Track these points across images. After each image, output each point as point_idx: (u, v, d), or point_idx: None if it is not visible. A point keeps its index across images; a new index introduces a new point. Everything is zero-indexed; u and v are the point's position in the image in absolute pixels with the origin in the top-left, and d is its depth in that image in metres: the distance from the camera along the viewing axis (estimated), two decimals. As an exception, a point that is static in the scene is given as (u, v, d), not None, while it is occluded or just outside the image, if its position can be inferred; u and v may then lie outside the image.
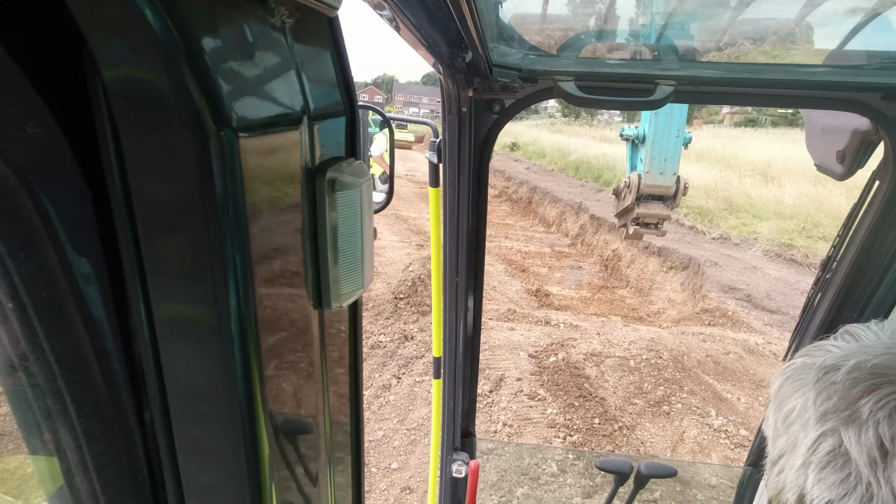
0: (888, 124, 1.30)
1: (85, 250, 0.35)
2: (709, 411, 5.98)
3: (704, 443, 5.53)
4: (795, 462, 0.61)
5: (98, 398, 0.37)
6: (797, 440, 0.61)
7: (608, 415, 5.77)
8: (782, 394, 0.67)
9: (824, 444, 0.58)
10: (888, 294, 1.54)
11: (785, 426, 0.64)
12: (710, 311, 8.87)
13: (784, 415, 0.65)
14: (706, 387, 6.44)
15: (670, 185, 4.83)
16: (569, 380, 6.26)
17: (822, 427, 0.59)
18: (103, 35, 0.30)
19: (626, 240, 5.72)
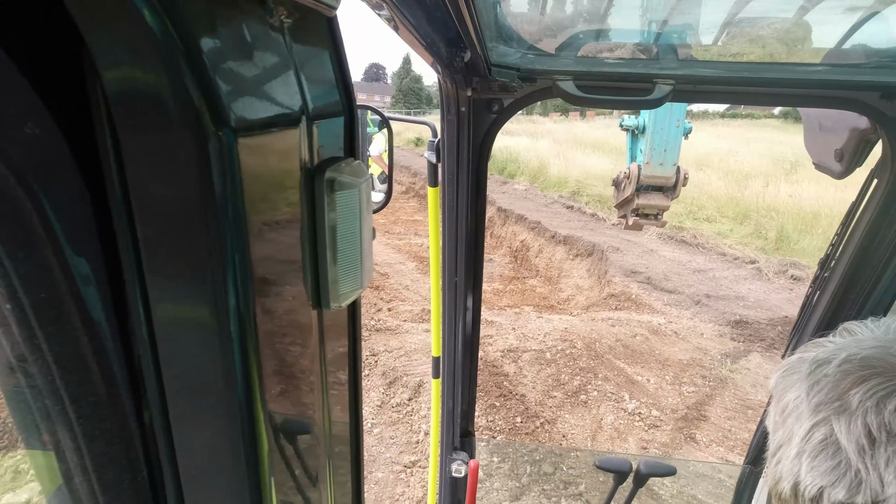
0: (886, 123, 1.30)
1: (84, 251, 0.35)
2: (623, 396, 6.16)
3: (621, 427, 5.67)
4: (791, 452, 0.63)
5: (97, 399, 0.37)
6: (793, 431, 0.64)
7: (529, 411, 5.81)
8: (780, 388, 0.69)
9: (817, 434, 0.61)
10: (886, 292, 1.54)
11: (782, 419, 0.66)
12: (615, 296, 9.11)
13: (781, 408, 0.67)
14: (618, 372, 6.64)
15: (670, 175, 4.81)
16: (488, 379, 6.27)
17: (814, 418, 0.61)
18: (102, 35, 0.30)
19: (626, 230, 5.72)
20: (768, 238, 11.81)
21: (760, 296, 9.42)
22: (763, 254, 11.20)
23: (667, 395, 6.28)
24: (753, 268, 10.62)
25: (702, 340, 7.72)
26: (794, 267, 10.36)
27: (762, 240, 11.85)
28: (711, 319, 8.39)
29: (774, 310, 8.86)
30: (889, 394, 0.57)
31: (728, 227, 12.72)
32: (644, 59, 1.35)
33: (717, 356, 7.28)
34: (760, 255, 11.14)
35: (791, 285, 9.94)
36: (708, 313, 8.59)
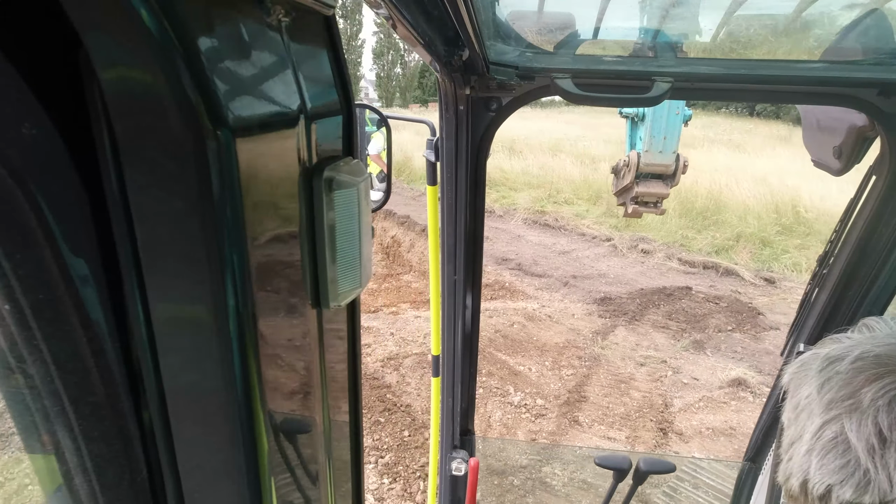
0: (884, 120, 1.30)
1: (82, 251, 0.35)
2: (508, 389, 6.18)
3: (510, 422, 5.68)
4: (801, 449, 0.63)
5: (96, 399, 0.37)
6: (804, 428, 0.63)
7: (417, 422, 5.60)
8: (794, 384, 0.69)
9: (827, 432, 0.60)
10: (884, 289, 1.55)
11: (795, 415, 0.66)
12: (489, 286, 9.15)
13: (794, 404, 0.67)
14: (501, 365, 6.64)
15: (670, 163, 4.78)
16: (369, 394, 6.02)
17: (826, 415, 0.60)
18: (99, 36, 0.30)
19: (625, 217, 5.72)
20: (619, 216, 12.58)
21: (619, 271, 10.21)
22: (616, 231, 12.13)
23: (548, 381, 6.44)
24: (609, 245, 11.55)
25: (574, 321, 8.03)
26: (643, 241, 11.35)
27: (614, 218, 12.55)
28: (580, 299, 8.82)
29: (632, 283, 9.56)
30: None
31: (585, 209, 13.46)
32: (642, 57, 1.35)
33: (588, 335, 7.63)
34: (614, 232, 12.06)
35: (642, 259, 10.88)
36: (576, 293, 9.03)
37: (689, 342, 7.54)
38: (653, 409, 6.02)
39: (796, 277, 9.90)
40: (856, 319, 1.60)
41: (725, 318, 8.29)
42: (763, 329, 8.03)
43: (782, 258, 10.45)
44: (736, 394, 6.38)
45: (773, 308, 8.74)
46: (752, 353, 7.35)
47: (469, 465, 2.00)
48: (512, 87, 1.37)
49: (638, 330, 7.95)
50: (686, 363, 7.05)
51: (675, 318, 8.27)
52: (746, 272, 10.00)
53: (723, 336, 7.78)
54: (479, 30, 0.97)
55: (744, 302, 8.80)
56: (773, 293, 9.34)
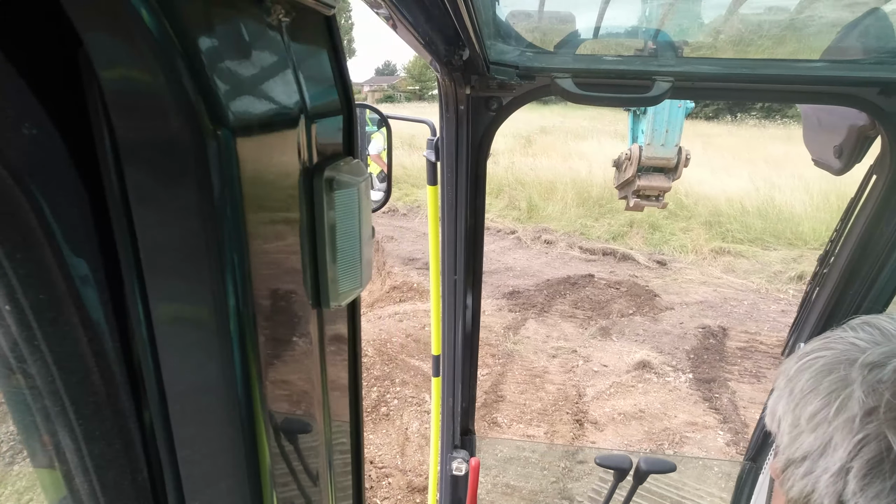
0: (885, 119, 1.30)
1: (82, 251, 0.35)
2: (423, 397, 6.04)
3: (427, 433, 5.37)
4: (831, 466, 0.56)
5: (97, 400, 0.37)
6: (831, 442, 0.56)
7: None
8: (804, 389, 0.61)
9: (867, 449, 0.53)
10: (885, 287, 1.55)
11: (811, 425, 0.59)
12: (398, 288, 9.10)
13: (810, 413, 0.59)
14: (415, 371, 6.52)
15: (672, 156, 4.76)
16: None
17: (865, 430, 0.54)
18: (99, 35, 0.30)
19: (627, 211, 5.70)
20: (521, 209, 13.02)
21: (524, 263, 10.39)
22: (519, 223, 12.39)
23: None
24: (514, 237, 11.74)
25: (485, 318, 7.80)
26: (546, 232, 11.71)
27: (517, 210, 12.95)
28: (489, 294, 8.76)
29: (538, 275, 9.74)
30: None
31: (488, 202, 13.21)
32: (643, 56, 1.34)
33: (500, 331, 7.62)
34: (518, 224, 12.33)
35: (546, 249, 11.18)
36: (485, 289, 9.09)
37: (596, 329, 7.81)
38: (568, 401, 6.08)
39: (683, 258, 10.71)
40: None
41: (626, 303, 8.70)
42: (660, 310, 8.50)
43: (670, 241, 11.24)
44: (642, 376, 6.60)
45: (667, 289, 9.31)
46: (653, 334, 7.73)
47: (470, 464, 2.00)
48: (512, 86, 1.37)
49: (547, 321, 8.09)
50: (595, 350, 7.26)
51: (581, 307, 8.54)
52: (641, 256, 10.62)
53: (626, 321, 8.13)
54: (479, 29, 0.97)
55: (641, 285, 9.33)
56: (665, 275, 9.98)
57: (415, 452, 5.28)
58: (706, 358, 7.10)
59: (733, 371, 6.81)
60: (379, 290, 9.38)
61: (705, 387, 6.45)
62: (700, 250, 10.84)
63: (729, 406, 6.08)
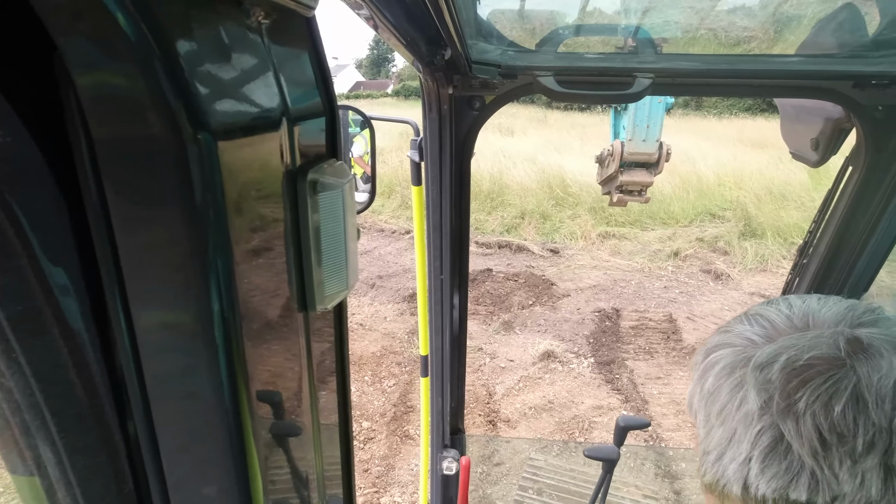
0: (859, 111, 1.33)
1: (61, 260, 0.34)
2: None
3: None
4: (737, 455, 0.63)
5: (79, 411, 0.36)
6: (736, 434, 0.64)
7: None
8: (710, 388, 0.68)
9: (765, 437, 0.61)
10: (863, 276, 1.58)
11: (720, 419, 0.66)
12: None
13: (718, 409, 0.67)
14: None
15: (653, 151, 4.79)
16: None
17: (761, 422, 0.61)
18: (74, 40, 0.29)
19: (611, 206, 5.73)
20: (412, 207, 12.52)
21: None
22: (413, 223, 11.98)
23: (371, 399, 6.16)
24: (409, 238, 11.31)
25: (387, 325, 7.80)
26: None
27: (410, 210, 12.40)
28: (389, 299, 8.66)
29: None
30: (833, 394, 0.58)
31: (380, 203, 13.32)
32: (623, 53, 1.36)
33: (404, 337, 7.43)
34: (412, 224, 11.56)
35: None
36: (384, 294, 8.87)
37: (500, 324, 7.80)
38: (478, 402, 6.05)
39: (574, 245, 11.02)
40: None
41: (525, 294, 8.76)
42: (558, 298, 8.66)
43: (560, 229, 11.54)
44: (547, 367, 6.69)
45: (562, 276, 9.53)
46: (553, 323, 7.85)
47: (460, 463, 2.00)
48: (495, 85, 1.37)
49: None
50: (500, 346, 7.26)
51: (482, 303, 8.52)
52: (535, 246, 10.77)
53: (526, 312, 8.19)
54: (460, 29, 0.97)
55: (538, 275, 9.45)
56: (559, 262, 10.22)
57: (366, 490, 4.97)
58: (604, 340, 7.33)
59: (629, 350, 7.11)
60: None
61: (606, 369, 6.65)
62: (588, 236, 11.17)
63: (629, 385, 6.30)
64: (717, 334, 0.73)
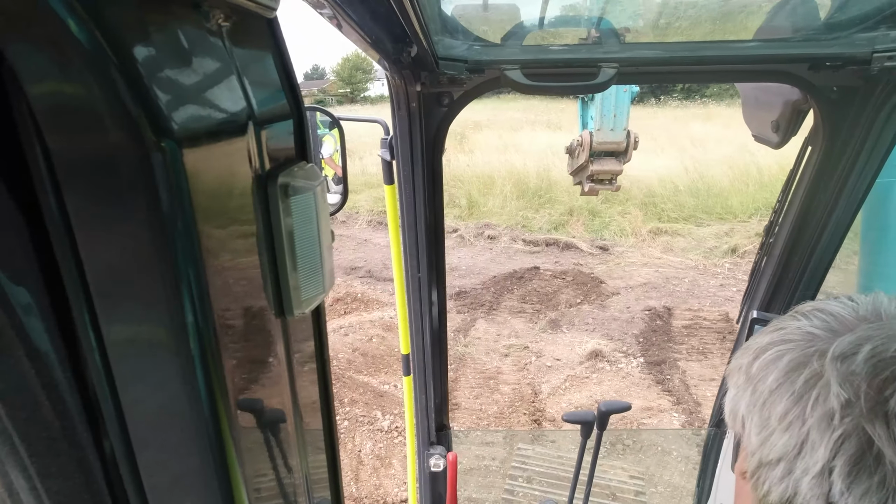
0: (816, 93, 1.37)
1: (23, 280, 0.33)
2: (375, 415, 5.72)
3: (382, 452, 5.27)
4: (811, 466, 0.53)
5: (50, 434, 0.35)
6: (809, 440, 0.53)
7: None
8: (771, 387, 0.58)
9: (849, 444, 0.51)
10: (826, 251, 1.64)
11: (783, 424, 0.56)
12: (341, 300, 8.63)
13: (781, 412, 0.56)
14: (364, 388, 6.14)
15: (621, 140, 4.88)
16: None
17: (843, 425, 0.51)
18: (23, 49, 0.28)
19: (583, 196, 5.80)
20: (461, 206, 12.80)
21: (469, 261, 10.15)
22: (461, 220, 12.11)
23: None
24: (457, 236, 11.37)
25: None
26: (488, 227, 11.43)
27: (457, 208, 12.66)
28: None
29: (483, 272, 9.51)
30: None
31: None
32: (588, 45, 1.37)
33: (450, 334, 7.02)
34: (459, 222, 12.01)
35: (490, 245, 10.93)
36: None
37: (546, 322, 7.63)
38: (524, 400, 5.96)
39: (624, 241, 10.65)
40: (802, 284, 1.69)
41: (573, 292, 8.54)
42: (606, 296, 8.45)
43: (610, 225, 11.21)
44: (595, 366, 6.57)
45: (611, 274, 9.26)
46: (601, 322, 7.67)
47: (447, 459, 2.01)
48: (463, 80, 1.37)
49: (497, 319, 7.84)
50: (546, 345, 7.08)
51: (529, 301, 8.33)
52: (583, 243, 10.54)
53: (574, 311, 8.01)
54: (425, 25, 0.96)
55: (586, 273, 9.26)
56: (608, 260, 9.95)
57: (370, 476, 5.00)
58: (654, 340, 7.16)
59: (681, 350, 6.89)
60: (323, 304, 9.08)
61: (656, 369, 6.47)
62: (639, 232, 10.84)
63: (681, 386, 6.10)
64: (764, 335, 0.64)
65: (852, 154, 1.45)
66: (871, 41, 1.21)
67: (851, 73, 1.29)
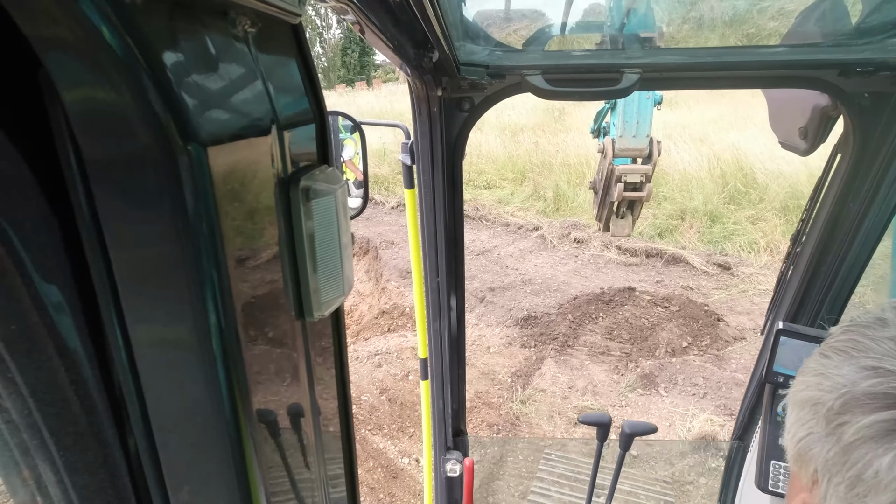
0: (846, 99, 1.34)
1: (54, 278, 0.34)
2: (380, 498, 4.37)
3: None
4: None
5: (78, 430, 0.36)
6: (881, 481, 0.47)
7: None
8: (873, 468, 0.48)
9: None
10: (856, 262, 1.59)
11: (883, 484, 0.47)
12: (387, 313, 7.26)
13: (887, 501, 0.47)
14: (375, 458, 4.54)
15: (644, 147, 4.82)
16: None
17: None
18: (59, 55, 0.29)
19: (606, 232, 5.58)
20: (547, 199, 10.76)
21: (547, 272, 8.06)
22: (545, 217, 10.09)
23: None
24: (537, 236, 9.38)
25: (488, 358, 6.02)
26: (576, 228, 9.25)
27: (542, 201, 10.72)
28: (498, 321, 6.72)
29: (563, 290, 7.39)
30: None
31: (509, 192, 11.41)
32: (610, 50, 1.36)
33: (506, 380, 5.65)
34: (542, 218, 10.01)
35: (575, 251, 8.74)
36: (494, 313, 6.92)
37: (637, 377, 5.58)
38: None
39: (754, 260, 7.85)
40: (830, 294, 1.65)
41: (678, 330, 6.25)
42: (726, 342, 6.01)
43: (735, 236, 8.42)
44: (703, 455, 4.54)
45: (733, 307, 6.68)
46: (717, 384, 5.36)
47: (464, 465, 2.00)
48: (483, 86, 1.37)
49: (571, 363, 5.92)
50: (634, 412, 5.14)
51: (616, 338, 6.26)
52: (696, 258, 7.98)
53: (678, 362, 5.73)
54: (447, 31, 0.97)
55: (698, 303, 6.75)
56: (729, 284, 7.34)
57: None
58: None
59: None
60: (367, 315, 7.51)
61: None
62: (776, 247, 7.87)
63: None
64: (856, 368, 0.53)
65: (884, 162, 1.41)
66: None
67: (884, 78, 1.26)
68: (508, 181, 11.86)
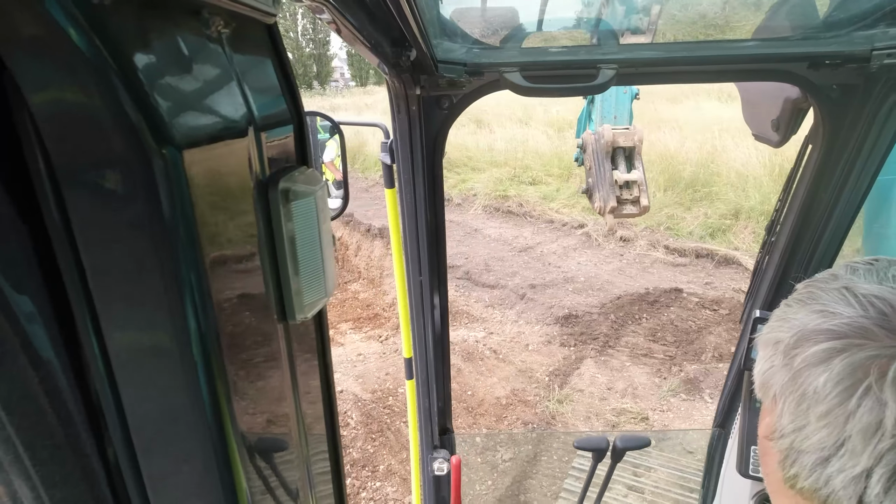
0: (815, 91, 1.37)
1: (25, 288, 0.33)
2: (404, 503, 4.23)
3: None
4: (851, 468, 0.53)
5: (54, 442, 0.35)
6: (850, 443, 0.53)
7: None
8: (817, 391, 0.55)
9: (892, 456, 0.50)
10: (828, 249, 1.63)
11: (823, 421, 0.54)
12: None
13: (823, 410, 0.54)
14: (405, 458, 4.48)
15: None
16: None
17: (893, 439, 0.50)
18: (24, 58, 0.28)
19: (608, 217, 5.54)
20: None
21: (591, 270, 7.94)
22: (591, 214, 9.60)
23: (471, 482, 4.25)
24: (582, 233, 9.21)
25: (526, 356, 5.96)
26: (622, 226, 8.93)
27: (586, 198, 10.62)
28: (538, 319, 6.65)
29: (606, 289, 7.30)
30: None
31: (554, 188, 11.14)
32: (587, 46, 1.37)
33: (544, 378, 5.57)
34: (588, 216, 9.67)
35: (621, 250, 8.56)
36: (534, 310, 6.85)
37: (680, 381, 5.38)
38: None
39: None
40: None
41: (727, 335, 6.06)
42: None
43: None
44: None
45: None
46: None
47: (451, 463, 2.00)
48: (462, 84, 1.38)
49: (611, 363, 5.79)
50: (676, 418, 4.95)
51: (660, 340, 6.08)
52: (750, 260, 7.52)
53: (724, 366, 5.50)
54: (424, 29, 0.97)
55: None
56: None
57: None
58: None
59: None
60: None
61: None
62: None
63: None
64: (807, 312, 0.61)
65: (853, 152, 1.45)
66: (871, 38, 1.21)
67: (851, 70, 1.29)
68: (554, 177, 11.54)
